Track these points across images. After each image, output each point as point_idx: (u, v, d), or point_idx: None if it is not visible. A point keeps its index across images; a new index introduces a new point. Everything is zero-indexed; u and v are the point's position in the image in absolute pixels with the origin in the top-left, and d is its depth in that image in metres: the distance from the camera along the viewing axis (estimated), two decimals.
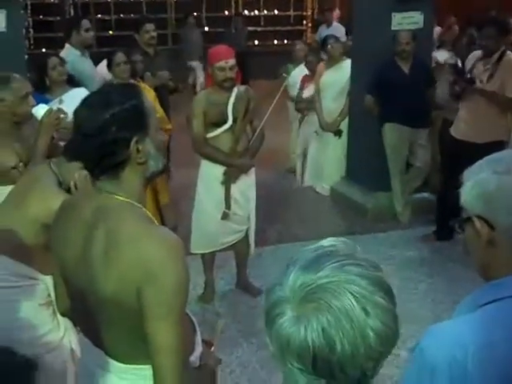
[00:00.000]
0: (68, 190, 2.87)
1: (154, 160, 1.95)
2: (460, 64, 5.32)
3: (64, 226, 2.03)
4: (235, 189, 4.67)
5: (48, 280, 2.87)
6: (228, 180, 4.62)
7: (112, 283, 1.81)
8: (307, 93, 7.42)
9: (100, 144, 1.85)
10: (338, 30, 10.19)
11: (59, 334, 2.97)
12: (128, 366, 1.97)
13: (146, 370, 1.90)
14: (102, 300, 1.86)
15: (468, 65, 5.53)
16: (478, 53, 5.58)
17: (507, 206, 1.41)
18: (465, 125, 5.34)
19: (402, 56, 5.93)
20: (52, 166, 2.91)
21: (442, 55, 6.22)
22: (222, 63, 4.42)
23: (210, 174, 4.68)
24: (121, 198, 1.91)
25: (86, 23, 6.26)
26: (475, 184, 1.46)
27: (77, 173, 2.83)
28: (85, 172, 2.66)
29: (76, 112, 1.95)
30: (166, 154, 5.95)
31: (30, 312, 2.86)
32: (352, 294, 1.09)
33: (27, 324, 2.85)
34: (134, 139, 1.88)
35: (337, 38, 7.19)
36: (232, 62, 4.45)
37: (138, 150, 1.89)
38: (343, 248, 1.20)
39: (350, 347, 1.07)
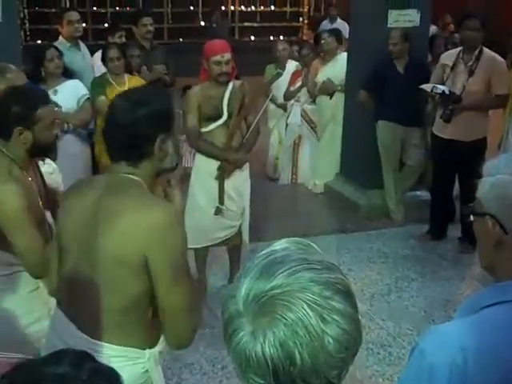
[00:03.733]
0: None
1: (170, 158, 2.20)
2: (447, 91, 5.34)
3: (72, 199, 2.21)
4: (229, 184, 4.65)
5: None
6: (222, 175, 4.60)
7: (116, 244, 2.02)
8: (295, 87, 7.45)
9: (130, 135, 2.08)
10: (342, 26, 9.83)
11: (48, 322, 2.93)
12: (102, 342, 2.08)
13: (118, 351, 2.09)
14: (102, 261, 2.05)
15: (446, 61, 5.55)
16: (451, 52, 5.64)
17: None
18: (452, 124, 5.37)
19: (393, 55, 5.92)
20: (2, 148, 2.70)
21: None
22: (218, 57, 4.40)
23: (204, 168, 4.66)
24: (131, 176, 2.13)
25: (69, 15, 6.23)
26: (496, 184, 1.42)
27: None
28: None
29: (114, 102, 2.15)
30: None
31: (20, 300, 2.79)
32: (306, 303, 1.04)
33: (16, 313, 2.78)
34: (160, 137, 2.12)
35: (331, 33, 7.10)
36: (228, 56, 4.42)
37: (160, 148, 2.13)
38: (296, 251, 1.13)
39: (310, 358, 1.03)
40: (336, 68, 6.85)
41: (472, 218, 1.50)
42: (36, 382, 0.94)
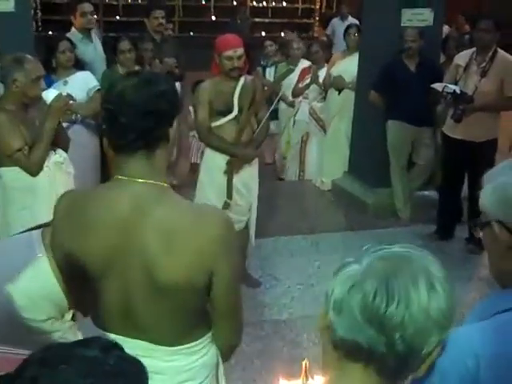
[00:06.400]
0: None
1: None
2: (458, 90, 5.32)
3: (87, 220, 1.91)
4: (238, 179, 4.65)
5: None
6: (231, 170, 4.61)
7: (182, 269, 1.84)
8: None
9: (147, 112, 1.83)
10: None
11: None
12: (177, 347, 1.99)
13: (195, 346, 2.01)
14: (166, 287, 1.86)
15: (460, 61, 5.55)
16: (465, 53, 5.62)
17: None
18: (463, 125, 5.36)
19: (408, 54, 5.90)
20: None
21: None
22: (230, 52, 4.39)
23: (213, 162, 4.66)
24: (155, 183, 1.90)
25: (83, 7, 6.25)
26: (496, 188, 1.41)
27: None
28: None
29: (117, 84, 1.91)
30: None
31: None
32: (426, 269, 1.14)
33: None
34: (176, 118, 1.95)
35: (358, 28, 7.07)
36: (240, 51, 4.42)
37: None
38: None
39: (406, 309, 1.08)
40: (352, 64, 6.81)
41: (480, 232, 1.49)
42: (64, 361, 0.97)
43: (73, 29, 6.26)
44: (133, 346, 1.91)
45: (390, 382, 1.15)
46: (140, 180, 1.88)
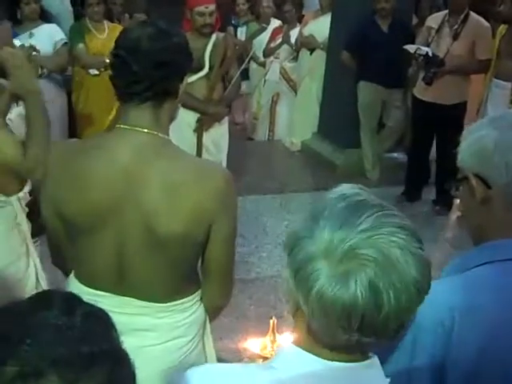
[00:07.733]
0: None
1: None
2: (430, 53, 5.31)
3: (85, 169, 1.85)
4: (207, 137, 4.62)
5: (14, 201, 2.63)
6: (201, 128, 4.57)
7: (182, 221, 1.82)
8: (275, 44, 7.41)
9: (161, 63, 1.80)
10: None
11: (27, 260, 2.85)
12: (169, 304, 1.98)
13: (187, 303, 2.00)
14: (164, 240, 1.84)
15: (432, 23, 5.55)
16: (438, 15, 5.63)
17: (506, 162, 1.35)
18: (434, 87, 5.37)
19: (381, 14, 5.86)
20: None
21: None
22: (201, 8, 4.32)
23: (183, 120, 4.60)
24: (159, 135, 1.86)
25: None
26: (473, 141, 1.40)
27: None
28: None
29: (131, 31, 1.88)
30: None
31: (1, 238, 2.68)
32: (397, 245, 1.03)
33: None
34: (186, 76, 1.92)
35: None
36: (212, 7, 4.36)
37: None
38: (368, 196, 1.12)
39: (395, 301, 1.01)
40: (324, 24, 6.72)
41: (457, 190, 1.47)
42: (29, 335, 0.86)
43: None
44: (122, 304, 1.94)
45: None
46: (144, 130, 1.84)
